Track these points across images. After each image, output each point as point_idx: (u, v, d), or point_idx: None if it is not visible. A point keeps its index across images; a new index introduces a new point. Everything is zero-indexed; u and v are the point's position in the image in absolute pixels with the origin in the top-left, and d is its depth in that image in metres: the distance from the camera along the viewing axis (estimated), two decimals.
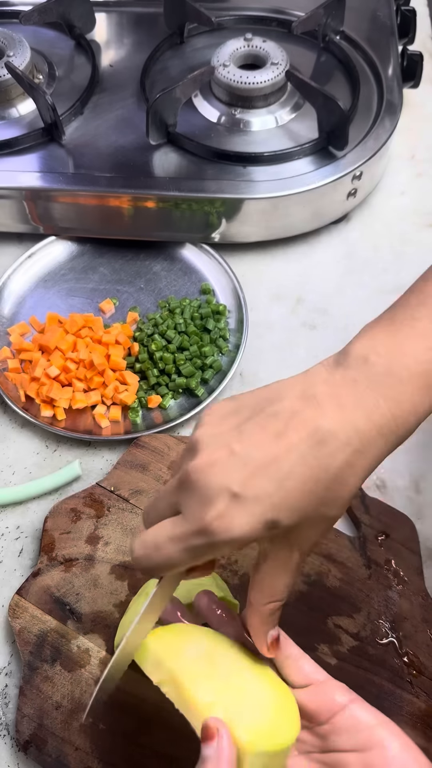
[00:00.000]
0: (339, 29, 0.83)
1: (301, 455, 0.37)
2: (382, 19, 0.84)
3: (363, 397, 0.38)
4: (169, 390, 0.69)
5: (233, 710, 0.39)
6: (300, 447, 0.37)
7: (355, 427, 0.37)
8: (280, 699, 0.41)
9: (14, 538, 0.63)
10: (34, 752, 0.53)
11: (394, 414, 0.38)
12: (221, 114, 0.78)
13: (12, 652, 0.58)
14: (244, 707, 0.40)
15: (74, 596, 0.58)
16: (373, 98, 0.78)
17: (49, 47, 0.85)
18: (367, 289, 0.76)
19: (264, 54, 0.77)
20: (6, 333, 0.72)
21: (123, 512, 0.62)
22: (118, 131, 0.77)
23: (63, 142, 0.76)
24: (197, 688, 0.40)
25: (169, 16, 0.84)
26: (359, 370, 0.39)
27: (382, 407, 0.38)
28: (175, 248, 0.77)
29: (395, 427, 0.38)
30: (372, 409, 0.38)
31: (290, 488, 0.37)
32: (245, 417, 0.39)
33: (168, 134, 0.76)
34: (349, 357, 0.40)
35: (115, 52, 0.85)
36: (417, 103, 0.87)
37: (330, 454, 0.37)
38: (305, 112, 0.77)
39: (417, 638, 0.56)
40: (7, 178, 0.74)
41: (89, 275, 0.77)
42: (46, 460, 0.67)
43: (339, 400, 0.38)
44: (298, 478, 0.37)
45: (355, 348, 0.41)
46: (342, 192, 0.75)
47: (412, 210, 0.81)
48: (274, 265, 0.78)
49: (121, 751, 0.52)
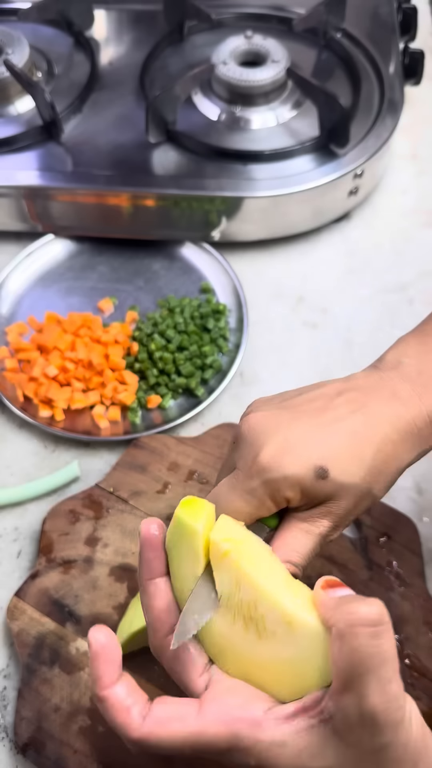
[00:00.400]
0: (340, 26, 0.83)
1: (348, 422, 0.41)
2: (383, 16, 0.84)
3: (399, 390, 0.42)
4: (169, 390, 0.68)
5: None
6: (346, 416, 0.41)
7: (396, 413, 0.41)
8: None
9: (12, 539, 0.63)
10: (33, 755, 0.52)
11: (428, 408, 0.42)
12: (221, 112, 0.77)
13: (10, 654, 0.58)
14: None
15: (73, 598, 0.58)
16: (375, 96, 0.78)
17: (48, 45, 0.84)
18: (369, 288, 0.75)
19: (264, 51, 0.77)
20: (4, 332, 0.72)
21: (122, 513, 0.61)
22: (118, 129, 0.77)
23: (62, 140, 0.76)
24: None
25: (169, 13, 0.84)
26: (394, 371, 0.44)
27: (416, 400, 0.42)
28: (174, 247, 0.77)
29: (429, 420, 0.42)
30: (407, 400, 0.42)
31: (337, 445, 0.40)
32: (291, 396, 0.43)
33: (167, 132, 0.75)
34: (384, 362, 0.45)
35: (114, 49, 0.85)
36: (419, 101, 0.87)
37: (374, 426, 0.41)
38: (306, 110, 0.77)
39: (419, 640, 0.55)
40: (5, 177, 0.73)
41: (88, 274, 0.76)
42: (45, 461, 0.67)
43: (378, 393, 0.42)
44: (345, 439, 0.40)
45: (388, 354, 0.46)
46: (343, 190, 0.74)
47: (414, 208, 0.81)
48: (274, 263, 0.77)
49: (119, 754, 0.52)
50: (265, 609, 0.36)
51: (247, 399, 0.69)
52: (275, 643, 0.35)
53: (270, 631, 0.35)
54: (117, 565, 0.59)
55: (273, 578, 0.36)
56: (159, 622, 0.38)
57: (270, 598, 0.35)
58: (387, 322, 0.73)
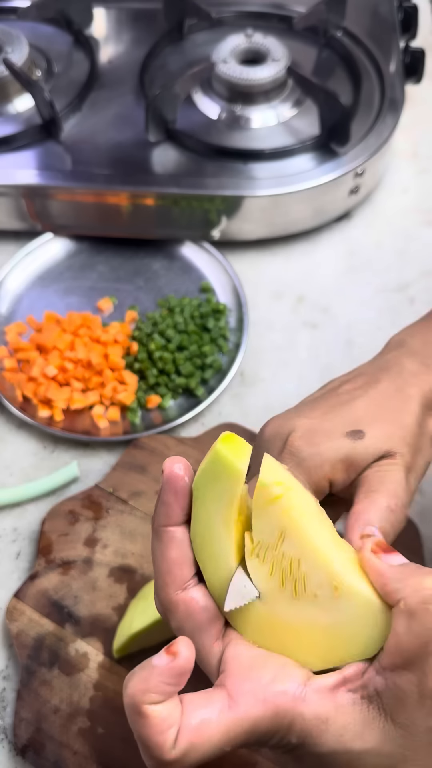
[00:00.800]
0: (340, 25, 0.83)
1: (364, 397, 0.40)
2: (383, 14, 0.84)
3: (406, 364, 0.42)
4: (169, 390, 0.68)
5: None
6: (361, 393, 0.41)
7: (406, 382, 0.41)
8: None
9: (11, 540, 0.63)
10: (32, 756, 0.52)
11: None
12: (221, 110, 0.77)
13: (9, 655, 0.58)
14: None
15: (72, 599, 0.57)
16: (375, 94, 0.78)
17: (47, 43, 0.84)
18: (370, 287, 0.75)
19: (265, 50, 0.77)
20: (3, 332, 0.72)
21: (122, 514, 0.61)
22: (117, 128, 0.77)
23: (61, 138, 0.76)
24: None
25: (169, 12, 0.84)
26: (398, 350, 0.44)
27: (423, 370, 0.42)
28: (174, 246, 0.77)
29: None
30: (416, 371, 0.42)
31: (362, 412, 0.39)
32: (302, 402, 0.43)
33: (167, 131, 0.75)
34: (387, 346, 0.46)
35: (113, 48, 0.85)
36: (419, 100, 0.87)
37: (390, 395, 0.40)
38: (306, 109, 0.77)
39: None
40: (4, 175, 0.73)
41: (87, 273, 0.76)
42: (44, 461, 0.67)
43: (387, 371, 0.42)
44: (366, 406, 0.39)
45: (393, 338, 0.46)
46: (344, 189, 0.74)
47: (415, 207, 0.81)
48: (274, 263, 0.77)
49: (119, 756, 0.52)
50: (309, 567, 0.32)
51: (247, 399, 0.69)
52: (314, 606, 0.32)
53: (310, 592, 0.32)
54: (117, 566, 0.59)
55: (322, 535, 0.33)
56: (170, 576, 0.34)
57: (318, 557, 0.32)
58: (388, 321, 0.73)
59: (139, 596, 0.55)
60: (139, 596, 0.55)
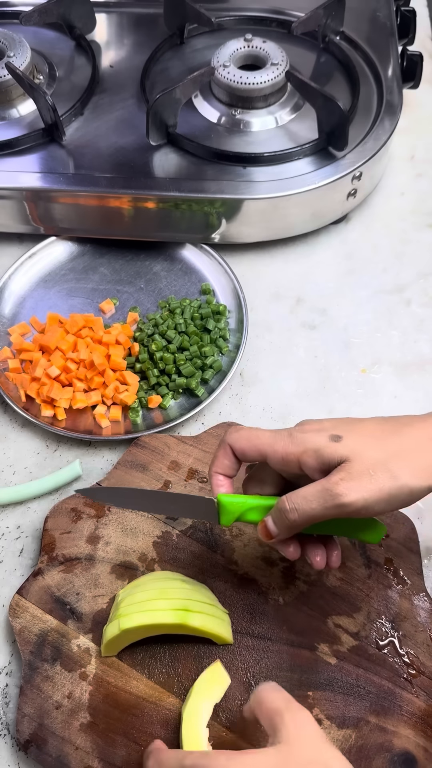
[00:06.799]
0: (339, 30, 0.83)
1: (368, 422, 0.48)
2: (381, 19, 0.84)
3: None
4: (170, 390, 0.69)
5: None
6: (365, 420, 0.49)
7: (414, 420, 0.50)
8: None
9: (15, 537, 0.64)
10: (35, 752, 0.53)
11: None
12: (221, 114, 0.78)
13: (12, 651, 0.58)
14: None
15: (74, 596, 0.58)
16: (373, 99, 0.78)
17: (50, 48, 0.85)
18: (367, 290, 0.76)
19: (264, 54, 0.77)
20: (6, 333, 0.72)
21: (123, 512, 0.62)
22: (119, 132, 0.77)
23: (63, 142, 0.77)
24: None
25: (169, 17, 0.84)
26: None
27: None
28: (175, 248, 0.78)
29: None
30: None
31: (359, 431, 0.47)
32: None
33: (168, 135, 0.76)
34: None
35: (115, 52, 0.85)
36: (417, 104, 0.88)
37: (394, 423, 0.48)
38: (305, 113, 0.78)
39: (417, 638, 0.56)
40: (7, 179, 0.74)
41: (89, 275, 0.77)
42: (47, 460, 0.67)
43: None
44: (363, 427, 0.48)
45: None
46: (342, 192, 0.75)
47: (412, 210, 0.81)
48: (273, 265, 0.78)
49: (121, 751, 0.52)
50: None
51: (246, 399, 0.70)
52: None
53: None
54: (118, 563, 0.60)
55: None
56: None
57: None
58: (385, 323, 0.73)
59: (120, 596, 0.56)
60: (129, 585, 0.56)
